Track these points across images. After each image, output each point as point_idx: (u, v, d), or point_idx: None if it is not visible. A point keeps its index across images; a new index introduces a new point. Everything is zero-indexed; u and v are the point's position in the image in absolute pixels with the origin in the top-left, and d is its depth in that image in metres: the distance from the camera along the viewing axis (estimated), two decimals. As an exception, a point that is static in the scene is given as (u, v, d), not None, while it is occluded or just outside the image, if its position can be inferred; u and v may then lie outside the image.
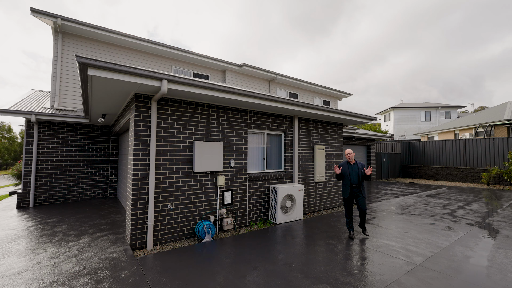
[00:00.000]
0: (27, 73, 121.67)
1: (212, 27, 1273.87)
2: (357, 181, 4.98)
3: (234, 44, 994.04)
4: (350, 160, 5.12)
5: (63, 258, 3.92)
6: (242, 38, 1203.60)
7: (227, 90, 4.79)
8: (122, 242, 4.57)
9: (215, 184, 5.37)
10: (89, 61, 3.41)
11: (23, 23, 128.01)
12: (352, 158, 5.12)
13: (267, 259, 3.95)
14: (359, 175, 5.00)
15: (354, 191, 5.03)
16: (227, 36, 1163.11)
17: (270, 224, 5.96)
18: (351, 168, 5.09)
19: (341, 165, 5.17)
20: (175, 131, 4.90)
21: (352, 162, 5.12)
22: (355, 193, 5.03)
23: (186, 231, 4.95)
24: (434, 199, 9.05)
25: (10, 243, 4.60)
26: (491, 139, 13.45)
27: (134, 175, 4.42)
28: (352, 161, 5.12)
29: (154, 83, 4.05)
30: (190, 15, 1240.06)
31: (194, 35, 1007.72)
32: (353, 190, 5.03)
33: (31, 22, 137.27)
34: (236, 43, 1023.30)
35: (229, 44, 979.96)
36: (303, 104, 6.15)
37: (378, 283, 3.21)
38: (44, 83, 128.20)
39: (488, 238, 4.92)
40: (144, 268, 3.60)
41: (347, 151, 5.18)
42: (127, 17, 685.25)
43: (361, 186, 5.02)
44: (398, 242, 4.67)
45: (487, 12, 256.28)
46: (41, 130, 8.06)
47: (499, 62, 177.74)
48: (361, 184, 5.01)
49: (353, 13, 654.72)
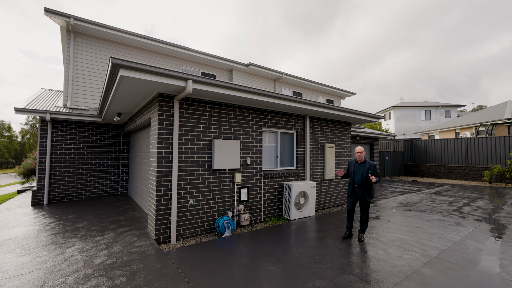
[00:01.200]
0: (24, 72, 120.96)
1: (210, 26, 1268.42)
2: (361, 181, 4.64)
3: (232, 43, 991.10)
4: (359, 158, 4.78)
5: (93, 251, 4.08)
6: (240, 37, 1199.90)
7: (247, 90, 4.94)
8: (146, 237, 4.72)
9: (233, 181, 5.53)
10: (122, 62, 3.55)
11: (19, 21, 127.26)
12: (362, 157, 4.76)
13: (289, 252, 4.12)
14: (364, 175, 4.63)
15: (356, 192, 4.72)
16: (225, 35, 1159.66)
17: (284, 220, 6.13)
18: (357, 166, 4.78)
19: (349, 163, 4.96)
20: (196, 129, 5.05)
21: (360, 161, 4.79)
22: (358, 195, 4.71)
23: (206, 226, 5.11)
24: (439, 196, 9.26)
25: (36, 238, 4.74)
26: (492, 137, 13.68)
27: (158, 172, 4.57)
28: (361, 159, 4.78)
29: (180, 83, 4.19)
30: (188, 14, 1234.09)
31: (192, 34, 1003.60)
32: (355, 190, 4.74)
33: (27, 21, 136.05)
34: (234, 42, 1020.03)
35: (227, 43, 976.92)
36: (315, 103, 6.31)
37: (400, 273, 3.39)
38: (42, 82, 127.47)
39: (497, 232, 5.11)
40: (174, 261, 3.76)
41: (357, 148, 4.80)
42: (125, 15, 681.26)
43: (366, 187, 4.62)
44: (411, 237, 4.85)
45: (484, 12, 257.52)
46: (54, 129, 8.18)
47: (495, 62, 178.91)
48: (366, 185, 4.62)
49: (350, 12, 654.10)
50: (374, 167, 4.66)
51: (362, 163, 4.78)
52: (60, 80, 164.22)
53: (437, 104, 32.46)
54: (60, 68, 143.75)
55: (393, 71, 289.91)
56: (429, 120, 31.52)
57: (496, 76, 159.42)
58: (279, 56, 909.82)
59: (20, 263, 3.70)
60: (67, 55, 8.55)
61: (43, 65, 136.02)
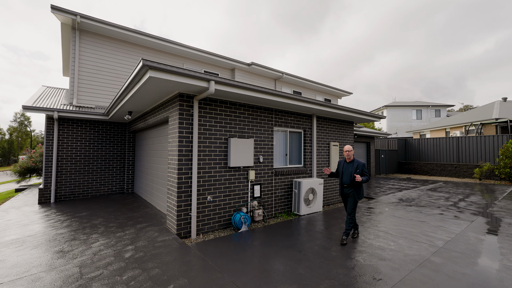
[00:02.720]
0: (8, 67, 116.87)
1: (201, 23, 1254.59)
2: (349, 181, 4.53)
3: (223, 41, 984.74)
4: (348, 157, 4.66)
5: (120, 246, 4.22)
6: (231, 36, 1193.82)
7: (265, 91, 5.16)
8: (166, 232, 4.88)
9: (247, 178, 5.74)
10: (152, 64, 3.70)
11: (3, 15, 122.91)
12: (350, 156, 4.63)
13: (308, 244, 4.37)
14: (352, 175, 4.49)
15: (346, 192, 4.62)
16: (216, 33, 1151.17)
17: (293, 215, 6.38)
18: (346, 166, 4.67)
19: (339, 162, 4.85)
20: (213, 128, 5.23)
21: (349, 160, 4.67)
22: (347, 195, 4.61)
23: (222, 221, 5.30)
24: (435, 192, 9.72)
25: (57, 235, 4.82)
26: (482, 136, 14.34)
27: (179, 169, 4.73)
28: (349, 158, 4.65)
29: (203, 84, 4.36)
30: (179, 10, 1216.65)
31: (183, 30, 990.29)
32: (344, 190, 4.65)
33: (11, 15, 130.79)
34: (225, 40, 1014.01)
35: (218, 41, 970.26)
36: (323, 103, 6.57)
37: (413, 262, 3.69)
38: (27, 78, 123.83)
39: (494, 225, 5.51)
40: (201, 253, 3.95)
41: (345, 147, 4.68)
42: (113, 10, 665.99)
43: (355, 187, 4.49)
44: (416, 229, 5.19)
45: (470, 14, 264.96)
46: (60, 127, 8.16)
47: (480, 63, 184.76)
48: (354, 185, 4.49)
49: (340, 12, 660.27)
50: (362, 166, 4.53)
51: (350, 162, 4.64)
52: (46, 77, 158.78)
53: (428, 104, 33.47)
54: (46, 64, 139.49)
55: (382, 71, 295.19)
56: (420, 119, 32.48)
57: (481, 77, 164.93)
58: (271, 55, 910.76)
59: (49, 258, 3.81)
60: (72, 53, 8.51)
61: (28, 60, 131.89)
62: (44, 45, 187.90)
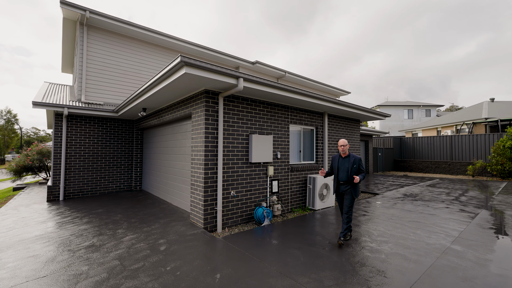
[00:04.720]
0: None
1: (189, 20, 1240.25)
2: (346, 178, 4.24)
3: (212, 39, 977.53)
4: (343, 152, 4.35)
5: (151, 240, 4.27)
6: (220, 34, 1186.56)
7: (291, 90, 5.34)
8: (192, 226, 4.96)
9: (266, 173, 5.87)
10: (189, 60, 3.77)
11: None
12: (345, 150, 4.32)
13: (333, 236, 4.55)
14: (349, 171, 4.22)
15: (342, 190, 4.33)
16: (205, 31, 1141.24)
17: (308, 210, 6.56)
18: (341, 162, 4.35)
19: (333, 158, 4.53)
20: (235, 124, 5.33)
21: (344, 155, 4.37)
22: (343, 193, 4.32)
23: (244, 216, 5.42)
24: (435, 188, 10.14)
25: (81, 230, 4.81)
26: (474, 135, 14.99)
27: (205, 165, 4.81)
28: (345, 153, 4.35)
29: (232, 81, 4.46)
30: (167, 7, 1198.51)
31: (171, 27, 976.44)
32: (340, 188, 4.35)
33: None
34: (214, 38, 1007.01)
35: (207, 39, 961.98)
36: (336, 101, 6.78)
37: (436, 250, 3.93)
38: (7, 74, 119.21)
39: (499, 216, 5.87)
40: (234, 245, 4.06)
41: (340, 141, 4.38)
42: (99, 4, 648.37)
43: (352, 184, 4.22)
44: (429, 221, 5.47)
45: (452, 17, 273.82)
46: (69, 124, 8.04)
47: (462, 65, 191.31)
48: (352, 182, 4.20)
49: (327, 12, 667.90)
50: (359, 161, 4.25)
51: (346, 157, 4.34)
52: (29, 73, 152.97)
53: (419, 104, 34.49)
54: (28, 60, 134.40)
55: (371, 71, 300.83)
56: (411, 118, 33.44)
57: (464, 79, 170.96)
58: (261, 54, 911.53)
59: (84, 252, 3.83)
60: (80, 49, 8.39)
61: (9, 55, 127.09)
62: (26, 41, 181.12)
